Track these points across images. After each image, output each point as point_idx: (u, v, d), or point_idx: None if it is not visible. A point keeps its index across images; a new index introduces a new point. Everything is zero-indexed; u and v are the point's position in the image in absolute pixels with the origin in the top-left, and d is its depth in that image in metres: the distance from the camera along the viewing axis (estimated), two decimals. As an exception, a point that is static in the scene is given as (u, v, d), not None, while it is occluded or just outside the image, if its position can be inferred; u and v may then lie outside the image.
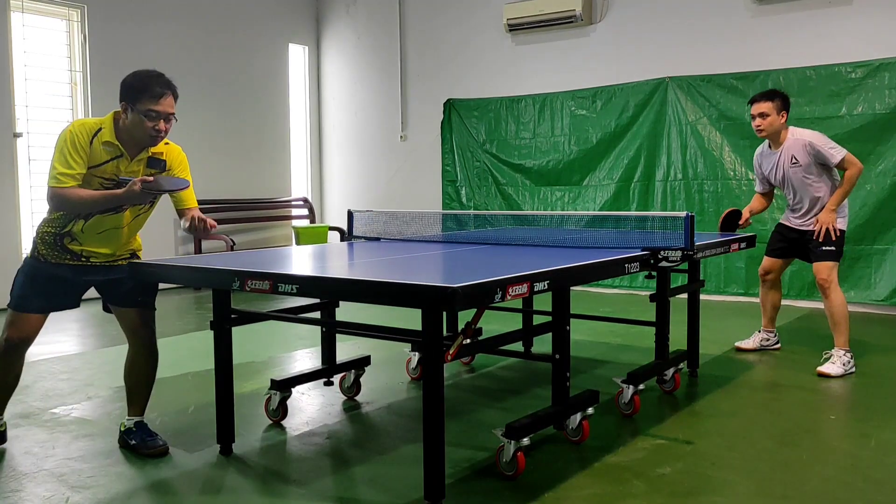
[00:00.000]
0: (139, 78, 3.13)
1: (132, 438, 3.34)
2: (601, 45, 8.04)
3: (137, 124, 3.11)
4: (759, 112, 4.64)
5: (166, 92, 3.13)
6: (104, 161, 3.13)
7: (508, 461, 2.97)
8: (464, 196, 9.01)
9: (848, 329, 4.58)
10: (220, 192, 9.12)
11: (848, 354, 4.55)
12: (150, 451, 3.29)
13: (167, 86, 3.14)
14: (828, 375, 4.45)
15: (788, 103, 4.70)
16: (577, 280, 3.14)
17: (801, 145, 4.60)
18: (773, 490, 2.88)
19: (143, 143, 3.18)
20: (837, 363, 4.51)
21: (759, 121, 4.63)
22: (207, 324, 3.40)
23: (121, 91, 3.13)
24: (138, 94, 3.09)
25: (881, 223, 6.54)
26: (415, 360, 4.55)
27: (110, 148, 3.14)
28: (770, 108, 4.61)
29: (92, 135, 3.11)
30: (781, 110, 4.63)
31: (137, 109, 3.09)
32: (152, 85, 3.10)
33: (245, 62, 9.38)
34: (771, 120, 4.61)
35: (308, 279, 2.89)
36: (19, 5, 7.37)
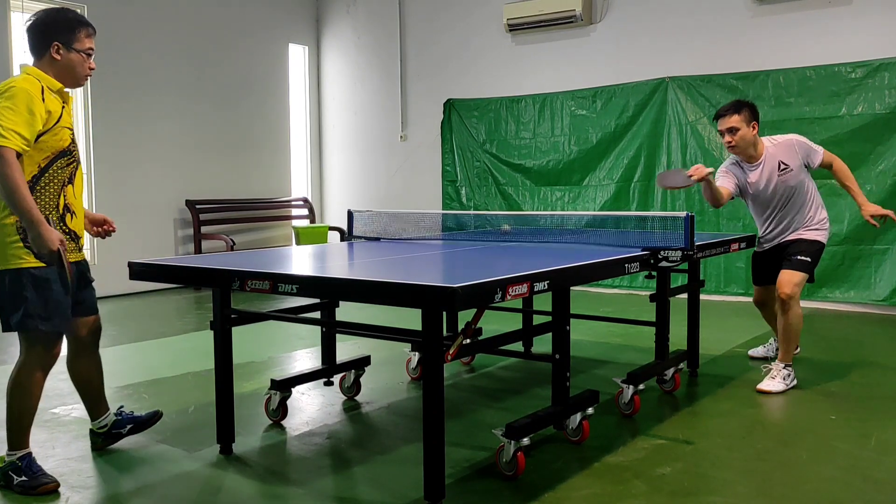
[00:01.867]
0: (63, 15, 2.95)
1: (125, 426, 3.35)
2: (601, 45, 8.04)
3: (76, 64, 2.95)
4: (727, 127, 4.22)
5: (94, 29, 3.01)
6: (60, 113, 2.89)
7: (508, 461, 2.97)
8: (464, 196, 9.01)
9: (795, 345, 4.32)
10: (220, 191, 9.12)
11: (788, 369, 4.26)
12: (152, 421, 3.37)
13: (90, 22, 3.02)
14: (768, 392, 4.16)
15: (757, 112, 4.30)
16: (577, 280, 3.14)
17: (787, 147, 4.27)
18: (772, 490, 2.88)
19: (74, 84, 3.01)
20: (778, 378, 4.22)
21: (730, 137, 4.22)
22: (207, 324, 3.41)
23: (45, 31, 2.91)
24: (72, 33, 2.92)
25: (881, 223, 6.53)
26: (415, 360, 4.55)
27: (59, 95, 2.94)
28: (739, 120, 4.20)
29: (41, 90, 2.84)
30: (751, 121, 4.23)
31: (76, 49, 2.94)
32: (83, 22, 2.97)
33: (245, 62, 9.38)
34: (742, 133, 4.20)
35: (308, 279, 2.89)
36: (19, 5, 7.37)
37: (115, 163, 8.04)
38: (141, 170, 8.31)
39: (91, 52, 3.00)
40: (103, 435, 3.34)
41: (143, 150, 8.33)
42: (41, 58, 2.94)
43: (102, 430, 3.33)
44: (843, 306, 6.73)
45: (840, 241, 6.68)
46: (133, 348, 5.56)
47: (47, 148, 2.88)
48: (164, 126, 8.49)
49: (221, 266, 3.03)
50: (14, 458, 2.93)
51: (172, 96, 8.53)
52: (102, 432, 3.33)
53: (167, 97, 8.48)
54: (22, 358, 2.96)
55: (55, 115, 2.87)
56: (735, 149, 4.29)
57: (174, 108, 8.57)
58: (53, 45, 2.91)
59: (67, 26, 2.93)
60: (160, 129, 8.45)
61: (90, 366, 3.29)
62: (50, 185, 2.92)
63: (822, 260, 6.82)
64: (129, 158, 8.15)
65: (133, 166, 8.21)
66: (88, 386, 3.30)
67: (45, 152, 2.88)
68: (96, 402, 3.33)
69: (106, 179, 7.96)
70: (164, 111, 8.49)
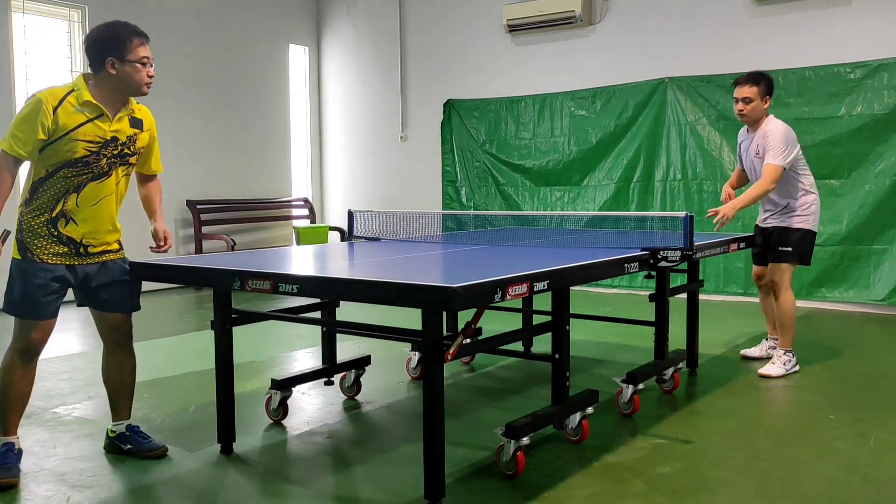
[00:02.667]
0: (115, 30, 3.04)
1: (127, 443, 3.29)
2: (601, 46, 8.05)
3: (131, 75, 3.03)
4: (743, 96, 4.45)
5: (147, 37, 3.08)
6: (81, 123, 2.98)
7: (508, 460, 2.98)
8: (464, 196, 9.02)
9: (793, 331, 4.54)
10: (220, 192, 9.13)
11: (789, 354, 4.51)
12: (150, 452, 3.26)
13: (143, 31, 3.09)
14: (769, 377, 4.42)
15: (772, 88, 4.53)
16: (577, 280, 3.15)
17: (762, 135, 4.45)
18: (772, 490, 2.89)
19: (131, 94, 3.10)
20: (778, 363, 4.48)
21: (742, 105, 4.46)
22: (208, 324, 3.41)
23: (99, 47, 3.01)
24: (124, 45, 3.00)
25: (880, 223, 6.54)
26: (415, 360, 4.56)
27: (89, 108, 3.00)
28: (755, 92, 4.42)
29: (59, 99, 2.95)
30: (765, 95, 4.46)
31: (129, 60, 3.01)
32: (134, 33, 3.04)
33: (246, 63, 9.39)
34: (754, 105, 4.44)
35: (308, 279, 2.90)
36: (20, 5, 7.38)
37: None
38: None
39: (146, 61, 3.07)
40: (110, 439, 3.35)
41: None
42: (98, 73, 3.05)
43: (112, 434, 3.35)
44: (841, 306, 6.73)
45: (839, 240, 6.69)
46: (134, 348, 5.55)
47: (54, 156, 2.99)
48: (164, 126, 8.39)
49: (222, 266, 3.04)
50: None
51: (173, 97, 8.53)
52: (111, 436, 3.35)
53: (168, 98, 8.48)
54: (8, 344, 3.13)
55: (66, 127, 2.96)
56: (744, 118, 4.53)
57: (175, 109, 8.58)
58: (108, 61, 3.02)
59: (118, 39, 3.02)
60: (161, 129, 8.35)
61: (112, 364, 3.32)
62: (51, 189, 3.03)
63: (822, 260, 6.85)
64: (129, 159, 8.16)
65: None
66: (108, 383, 3.36)
67: (52, 160, 3.00)
68: (114, 402, 3.36)
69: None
70: (164, 111, 8.47)
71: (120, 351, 3.31)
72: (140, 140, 3.22)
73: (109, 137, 3.06)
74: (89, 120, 3.01)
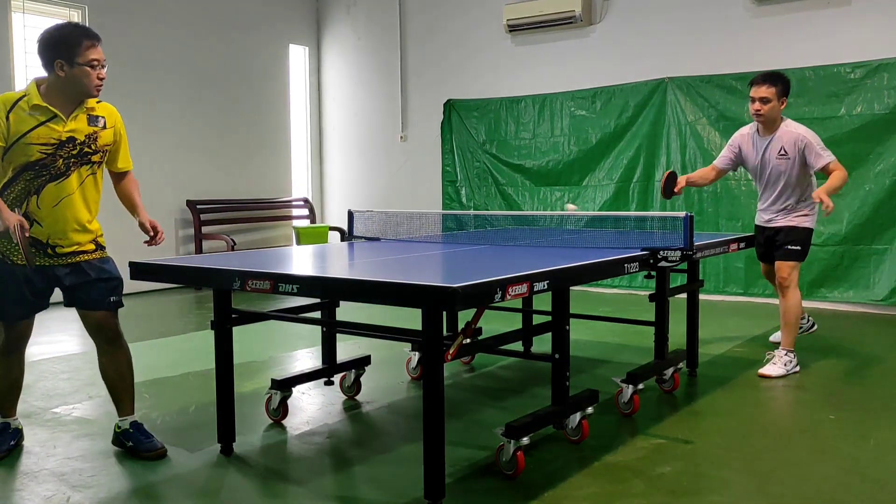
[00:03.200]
0: (66, 32, 3.06)
1: (129, 440, 3.31)
2: (601, 46, 8.05)
3: (80, 77, 3.04)
4: (760, 96, 4.44)
5: (98, 40, 3.08)
6: (33, 127, 3.02)
7: (508, 460, 2.98)
8: (464, 196, 9.02)
9: (796, 330, 4.56)
10: (220, 192, 9.13)
11: (791, 355, 4.50)
12: (148, 453, 3.26)
13: (95, 33, 3.09)
14: (768, 377, 4.40)
15: (789, 89, 4.54)
16: (577, 280, 3.15)
17: (794, 138, 4.44)
18: (772, 490, 2.89)
19: (82, 96, 3.10)
20: (779, 363, 4.47)
21: (760, 105, 4.44)
22: (208, 324, 3.41)
23: (48, 50, 3.02)
24: (73, 48, 3.01)
25: (880, 223, 6.54)
26: (415, 360, 4.56)
27: (39, 111, 3.04)
28: (773, 93, 4.43)
29: (9, 107, 3.01)
30: (782, 96, 4.47)
31: (78, 63, 3.02)
32: (84, 35, 3.05)
33: (245, 63, 9.39)
34: (772, 105, 4.44)
35: (308, 279, 2.90)
36: (20, 5, 7.38)
37: (116, 163, 8.05)
38: (141, 170, 8.21)
39: (95, 63, 3.06)
40: (116, 435, 3.38)
41: (143, 151, 8.30)
42: (49, 74, 3.07)
43: (117, 431, 3.38)
44: (841, 306, 6.73)
45: (839, 241, 6.69)
46: (133, 348, 5.46)
47: (14, 160, 3.06)
48: (164, 126, 8.49)
49: (222, 266, 3.04)
50: None
51: (173, 97, 8.53)
52: (117, 432, 3.38)
53: (167, 98, 8.48)
54: None
55: (19, 131, 3.01)
56: (761, 118, 4.49)
57: (175, 109, 8.58)
58: (56, 63, 3.02)
59: (67, 42, 3.02)
60: (161, 129, 8.44)
61: (105, 363, 3.35)
62: (14, 191, 3.09)
63: (821, 260, 6.85)
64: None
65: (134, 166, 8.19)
66: (106, 381, 3.38)
67: (13, 163, 3.06)
68: (116, 399, 3.39)
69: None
70: (164, 112, 8.49)
71: (110, 349, 3.32)
72: (102, 137, 3.22)
73: (65, 138, 3.09)
74: (41, 123, 3.05)
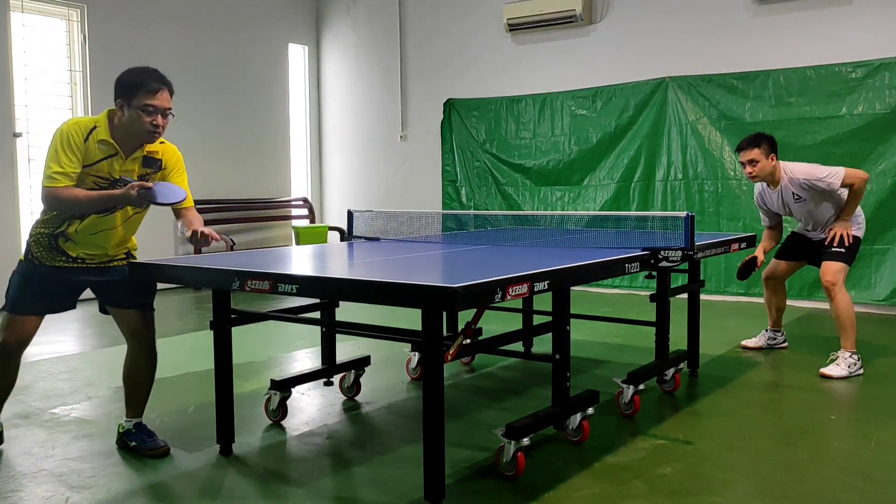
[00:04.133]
0: (134, 74, 3.12)
1: (132, 440, 3.33)
2: (601, 45, 8.04)
3: (135, 120, 3.09)
4: (748, 160, 4.63)
5: (162, 87, 3.12)
6: (98, 160, 3.11)
7: (508, 461, 2.97)
8: (464, 196, 9.01)
9: (854, 331, 4.55)
10: (219, 192, 9.12)
11: (854, 356, 4.52)
12: (151, 451, 3.28)
13: (162, 80, 3.14)
14: (829, 377, 4.43)
15: (775, 144, 4.68)
16: (577, 280, 3.14)
17: (799, 184, 4.61)
18: (773, 490, 2.88)
19: (141, 139, 3.16)
20: (843, 365, 4.49)
21: (750, 168, 4.64)
22: (207, 324, 3.40)
23: (115, 89, 3.12)
24: (134, 90, 3.07)
25: (881, 223, 6.53)
26: (415, 360, 4.55)
27: (105, 146, 3.12)
28: (758, 153, 4.60)
29: (87, 133, 3.08)
30: (770, 153, 4.63)
31: (134, 105, 3.07)
32: (148, 80, 3.10)
33: (245, 62, 9.38)
34: (762, 165, 4.61)
35: (308, 279, 2.89)
36: (19, 5, 7.36)
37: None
38: (141, 170, 8.30)
39: (151, 109, 3.09)
40: (120, 435, 3.41)
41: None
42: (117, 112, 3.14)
43: (121, 431, 3.41)
44: (843, 306, 6.72)
45: (840, 241, 6.68)
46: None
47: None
48: (163, 126, 8.47)
49: (221, 266, 3.03)
50: None
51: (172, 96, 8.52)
52: (120, 433, 3.41)
53: (167, 97, 8.47)
54: None
55: (89, 160, 3.09)
56: (755, 178, 4.70)
57: (174, 109, 8.56)
58: (117, 101, 3.12)
59: (132, 83, 3.09)
60: (160, 129, 8.43)
61: (129, 363, 3.40)
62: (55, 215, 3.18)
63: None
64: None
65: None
66: (126, 381, 3.42)
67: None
68: (128, 397, 3.42)
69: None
70: (163, 111, 8.48)
71: (142, 351, 3.38)
72: (153, 181, 3.25)
73: (118, 177, 3.15)
74: (105, 158, 3.12)
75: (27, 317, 3.21)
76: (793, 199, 4.68)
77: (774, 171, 4.67)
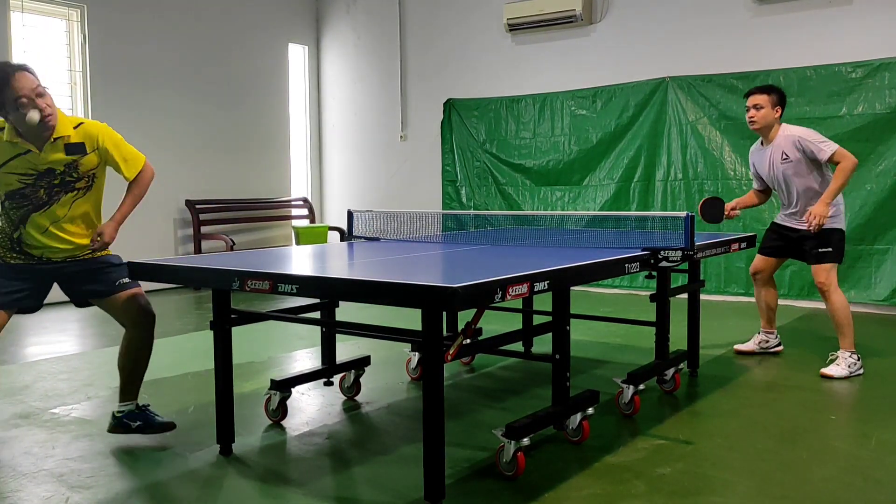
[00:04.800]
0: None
1: (136, 420, 3.39)
2: (601, 45, 8.04)
3: (21, 118, 3.01)
4: (754, 104, 4.58)
5: (14, 73, 3.00)
6: (10, 158, 3.10)
7: (508, 461, 2.97)
8: (464, 196, 9.01)
9: (852, 330, 4.53)
10: (219, 191, 9.12)
11: (854, 356, 4.50)
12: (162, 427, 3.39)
13: (11, 66, 3.05)
14: (830, 377, 4.42)
15: (784, 99, 4.66)
16: (577, 280, 3.14)
17: (792, 142, 4.52)
18: (773, 490, 2.88)
19: (42, 129, 3.08)
20: (843, 365, 4.47)
21: (753, 112, 4.58)
22: (207, 324, 3.40)
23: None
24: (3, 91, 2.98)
25: (881, 223, 6.53)
26: (415, 360, 4.55)
27: (13, 146, 3.10)
28: (765, 100, 4.56)
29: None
30: (776, 105, 4.58)
31: (9, 107, 3.01)
32: (8, 73, 2.99)
33: (245, 62, 9.38)
34: (765, 113, 4.55)
35: (308, 279, 2.88)
36: (19, 5, 7.37)
37: (115, 163, 8.04)
38: (141, 170, 8.30)
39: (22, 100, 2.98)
40: (117, 420, 3.42)
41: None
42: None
43: (118, 415, 3.42)
44: (843, 306, 6.72)
45: (840, 241, 6.68)
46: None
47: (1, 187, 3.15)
48: (163, 126, 8.48)
49: (221, 266, 3.03)
50: None
51: (172, 96, 8.52)
52: (118, 416, 3.42)
53: (166, 97, 8.47)
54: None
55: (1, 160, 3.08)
56: (755, 124, 4.61)
57: (173, 108, 8.57)
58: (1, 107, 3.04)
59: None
60: (160, 128, 8.44)
61: (123, 345, 3.42)
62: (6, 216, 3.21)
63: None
64: (128, 158, 8.14)
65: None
66: (123, 363, 3.44)
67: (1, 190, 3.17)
68: (124, 384, 3.44)
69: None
70: (163, 111, 8.48)
71: (134, 329, 3.39)
72: (84, 164, 3.23)
73: (43, 169, 3.12)
74: (17, 155, 3.09)
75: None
76: (780, 158, 4.57)
77: (774, 125, 4.60)
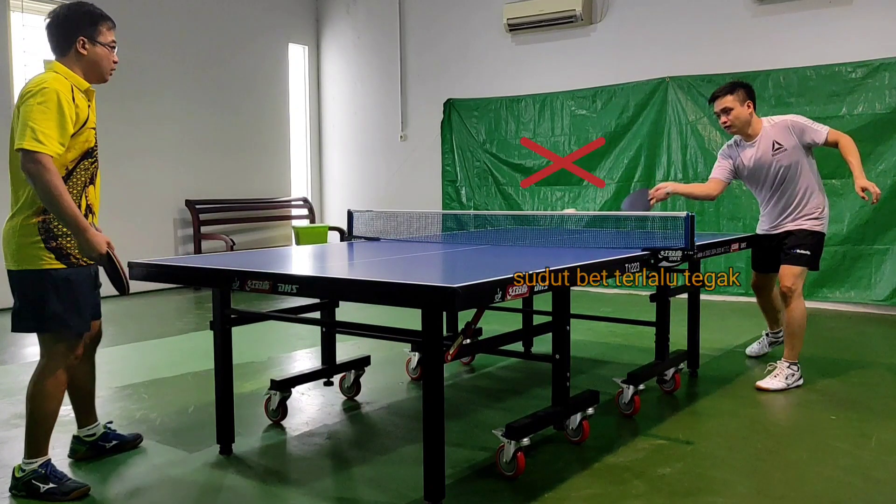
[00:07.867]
0: (85, 9, 2.90)
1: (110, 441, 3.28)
2: (601, 45, 8.04)
3: (103, 58, 2.90)
4: (722, 108, 4.32)
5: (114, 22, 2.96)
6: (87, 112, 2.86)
7: (508, 461, 2.97)
8: (464, 196, 9.01)
9: (801, 342, 4.28)
10: (220, 192, 9.12)
11: (794, 367, 4.25)
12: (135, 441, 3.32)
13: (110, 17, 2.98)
14: (766, 390, 4.17)
15: (752, 92, 4.38)
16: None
17: (784, 127, 4.28)
18: (773, 490, 2.88)
19: (100, 79, 2.96)
20: (780, 377, 4.23)
21: (725, 118, 4.32)
22: (207, 324, 3.40)
23: (69, 27, 2.85)
24: (97, 27, 2.87)
25: (881, 223, 6.53)
26: (415, 360, 4.55)
27: (87, 94, 2.89)
28: (732, 100, 4.29)
29: (71, 90, 2.79)
30: (745, 100, 4.31)
31: (100, 42, 2.89)
32: (103, 16, 2.92)
33: (245, 62, 9.38)
34: (736, 113, 4.29)
35: (308, 279, 2.88)
36: (19, 5, 7.36)
37: (115, 162, 8.02)
38: (141, 169, 8.30)
39: (114, 46, 2.95)
40: (89, 444, 3.28)
41: (142, 150, 8.33)
42: (66, 54, 2.87)
43: (89, 439, 3.27)
44: (843, 306, 6.72)
45: (840, 241, 6.68)
46: (133, 348, 5.55)
47: (75, 149, 2.82)
48: (163, 126, 8.48)
49: (221, 266, 3.03)
50: (35, 466, 2.87)
51: (172, 96, 8.52)
52: (90, 441, 3.27)
53: (167, 97, 8.47)
54: (43, 362, 2.89)
55: (83, 115, 2.82)
56: (731, 128, 4.37)
57: (174, 108, 8.57)
58: (79, 40, 2.85)
59: (90, 20, 2.88)
60: (160, 128, 8.44)
61: (86, 371, 3.24)
62: (75, 186, 2.86)
63: (823, 260, 6.82)
64: (128, 158, 8.13)
65: (133, 166, 8.19)
66: (82, 391, 3.26)
67: (74, 153, 2.82)
68: (88, 408, 3.29)
69: (105, 179, 7.93)
70: (163, 111, 8.48)
71: (92, 356, 3.24)
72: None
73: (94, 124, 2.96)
74: (89, 105, 2.91)
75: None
76: (771, 149, 4.28)
77: (751, 120, 4.33)
